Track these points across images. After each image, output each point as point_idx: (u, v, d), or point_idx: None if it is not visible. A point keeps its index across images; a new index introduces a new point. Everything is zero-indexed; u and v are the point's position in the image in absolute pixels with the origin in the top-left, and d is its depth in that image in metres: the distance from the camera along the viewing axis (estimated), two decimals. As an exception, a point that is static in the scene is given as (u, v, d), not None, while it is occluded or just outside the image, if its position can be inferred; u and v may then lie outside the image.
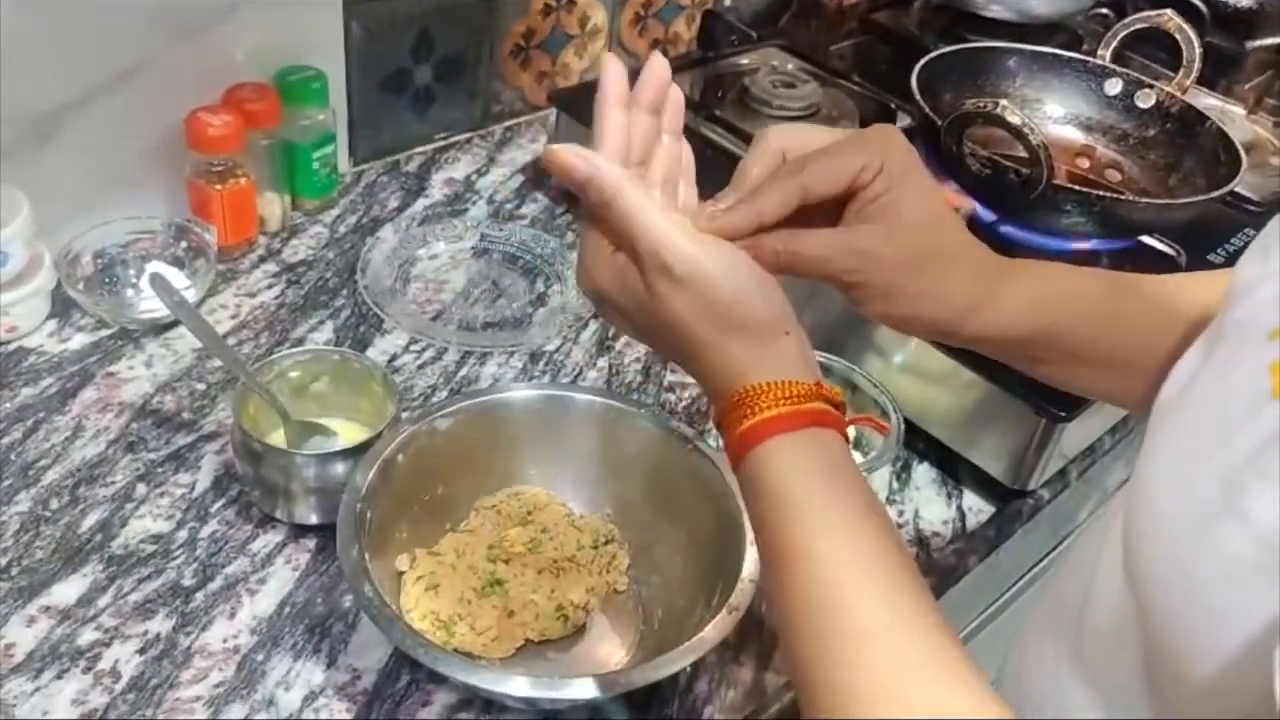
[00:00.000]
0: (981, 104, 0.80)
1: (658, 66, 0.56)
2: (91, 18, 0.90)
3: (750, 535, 0.69)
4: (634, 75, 0.56)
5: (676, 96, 0.57)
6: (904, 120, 1.08)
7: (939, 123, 0.86)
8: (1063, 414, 0.84)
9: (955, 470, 0.92)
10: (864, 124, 1.08)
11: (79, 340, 0.92)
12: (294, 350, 0.84)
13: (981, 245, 0.59)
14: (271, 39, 1.01)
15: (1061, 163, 1.02)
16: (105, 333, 0.93)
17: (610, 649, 0.76)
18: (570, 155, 0.52)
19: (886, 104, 1.05)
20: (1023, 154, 0.84)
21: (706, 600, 0.72)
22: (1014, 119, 0.80)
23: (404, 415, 0.80)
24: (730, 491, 0.73)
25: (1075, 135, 1.04)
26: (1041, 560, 1.14)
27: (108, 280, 0.95)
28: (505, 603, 0.74)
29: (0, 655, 0.69)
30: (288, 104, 1.02)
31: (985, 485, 0.91)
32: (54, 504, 0.79)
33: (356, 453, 0.76)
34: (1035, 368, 0.63)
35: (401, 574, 0.75)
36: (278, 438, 0.81)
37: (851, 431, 0.91)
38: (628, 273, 0.53)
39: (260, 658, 0.72)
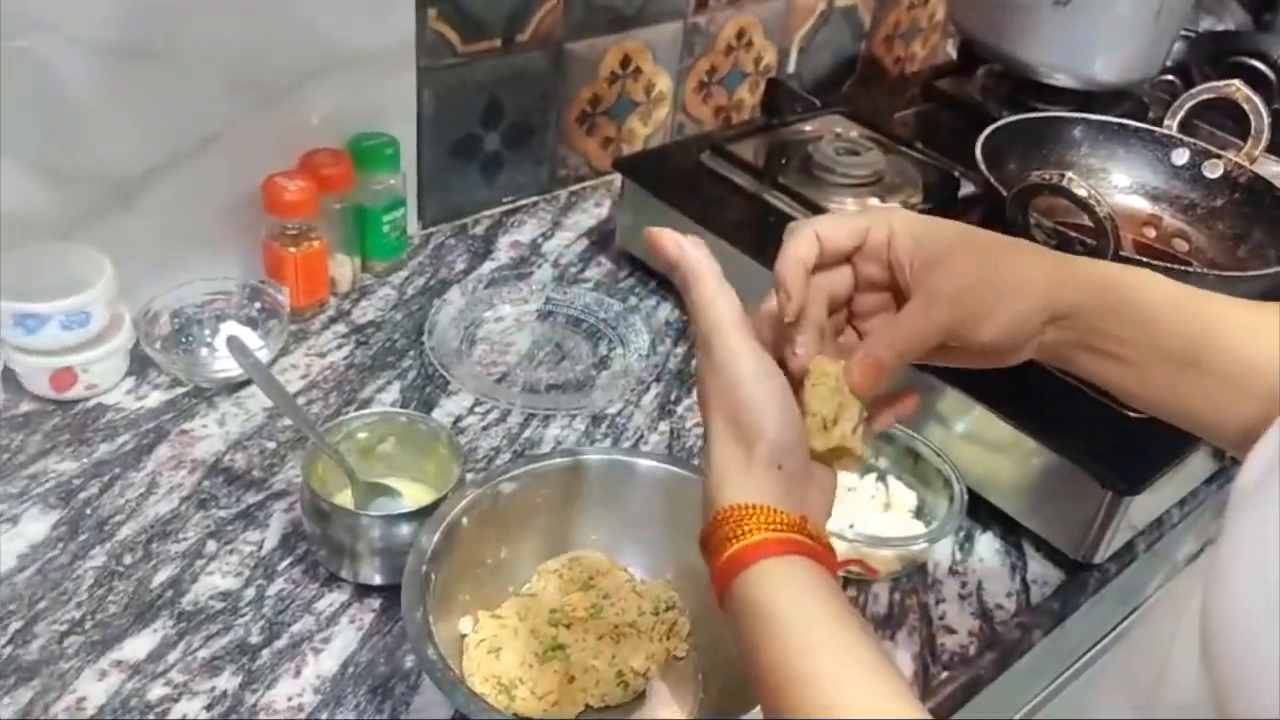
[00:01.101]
0: (1047, 176, 0.80)
1: None
2: (175, 86, 0.94)
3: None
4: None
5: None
6: (968, 188, 1.08)
7: (1004, 193, 0.87)
8: (1129, 487, 0.83)
9: (1019, 541, 0.91)
10: (927, 192, 1.08)
11: (155, 398, 0.94)
12: (362, 412, 0.86)
13: (1044, 254, 0.59)
14: (346, 106, 1.04)
15: (1128, 232, 1.02)
16: (180, 390, 0.95)
17: (670, 717, 0.75)
18: (666, 239, 0.58)
19: (950, 172, 1.05)
20: (1089, 224, 0.83)
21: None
22: (1080, 190, 0.80)
23: (469, 477, 0.81)
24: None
25: (1142, 205, 1.04)
26: (1109, 634, 1.11)
27: (184, 339, 0.98)
28: (566, 668, 0.74)
29: (73, 709, 0.71)
30: (360, 169, 1.04)
31: (1050, 556, 0.90)
32: (127, 559, 0.81)
33: (422, 515, 0.77)
34: (1109, 378, 0.62)
35: (464, 636, 0.75)
36: (345, 498, 0.82)
37: (912, 499, 0.91)
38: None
39: (324, 716, 0.72)
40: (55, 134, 0.90)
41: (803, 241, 0.58)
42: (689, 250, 0.57)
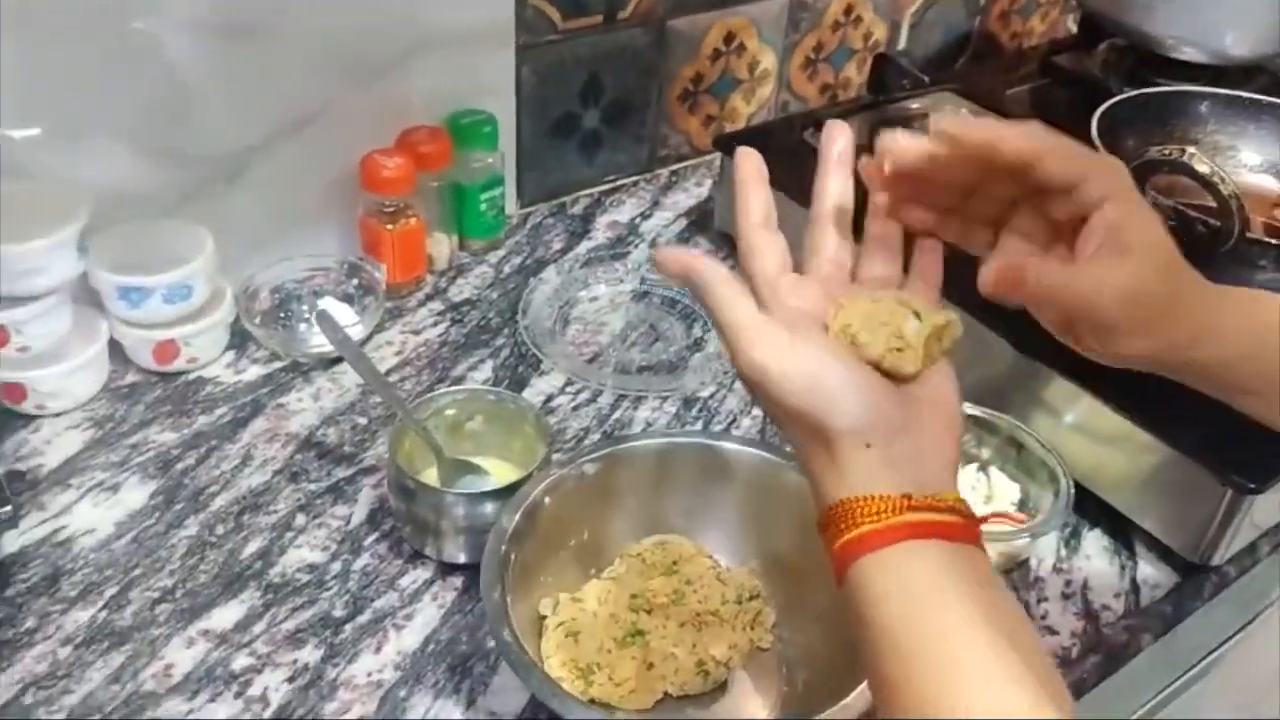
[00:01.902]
0: (1167, 151, 0.76)
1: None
2: (278, 65, 0.95)
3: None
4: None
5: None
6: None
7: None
8: (1253, 485, 0.78)
9: (1129, 539, 0.86)
10: (1040, 171, 1.03)
11: (253, 372, 0.96)
12: (452, 389, 0.86)
13: (1199, 276, 0.55)
14: (445, 84, 1.04)
15: (1258, 214, 0.95)
16: (278, 365, 0.96)
17: (752, 709, 0.73)
18: (669, 258, 0.55)
19: (1065, 150, 1.00)
20: (1212, 204, 0.78)
21: (851, 666, 0.69)
22: (1203, 167, 0.75)
23: (555, 458, 0.80)
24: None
25: (1274, 185, 0.97)
26: (1226, 641, 1.05)
27: (282, 315, 0.99)
28: (645, 654, 0.72)
29: (160, 675, 0.72)
30: (459, 147, 1.04)
31: (1164, 557, 0.85)
32: (220, 530, 0.82)
33: (505, 493, 0.76)
34: (1240, 400, 0.58)
35: (544, 618, 0.74)
36: (431, 474, 0.82)
37: (1015, 492, 0.87)
38: None
39: (402, 694, 0.72)
40: (162, 113, 0.92)
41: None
42: (690, 263, 0.54)
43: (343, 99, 0.99)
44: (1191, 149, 0.75)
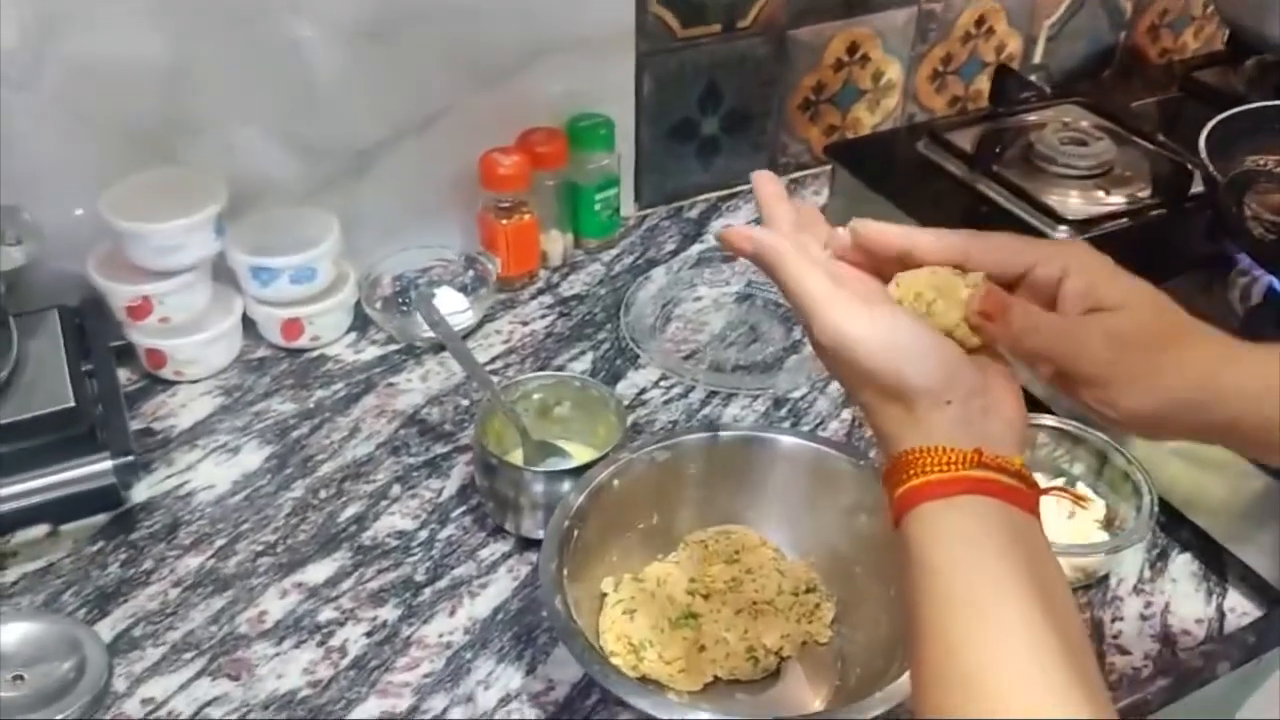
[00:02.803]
0: (1263, 162, 0.73)
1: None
2: (407, 66, 1.01)
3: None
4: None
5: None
6: (1199, 185, 0.99)
7: (1220, 180, 0.80)
8: (1350, 517, 0.75)
9: (1221, 567, 0.83)
10: (1156, 183, 1.00)
11: (371, 352, 1.02)
12: (540, 374, 0.90)
13: (1209, 328, 0.54)
14: (567, 87, 1.09)
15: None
16: (394, 348, 1.02)
17: (804, 699, 0.74)
18: (736, 235, 0.57)
19: (1183, 164, 0.97)
20: (1320, 220, 0.76)
21: (905, 664, 0.69)
22: (1300, 181, 0.72)
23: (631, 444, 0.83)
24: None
25: None
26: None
27: (401, 301, 1.05)
28: (697, 636, 0.75)
29: (254, 620, 0.78)
30: (576, 148, 1.09)
31: (1257, 587, 0.82)
32: (323, 494, 0.88)
33: (581, 473, 0.79)
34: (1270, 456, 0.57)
35: (605, 595, 0.77)
36: (518, 455, 0.86)
37: (1101, 507, 0.85)
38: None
39: (469, 656, 0.76)
40: (299, 108, 0.99)
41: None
42: (762, 238, 0.56)
43: (467, 99, 1.05)
44: (1289, 161, 0.72)
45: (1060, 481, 0.87)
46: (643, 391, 0.98)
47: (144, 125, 0.94)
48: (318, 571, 0.82)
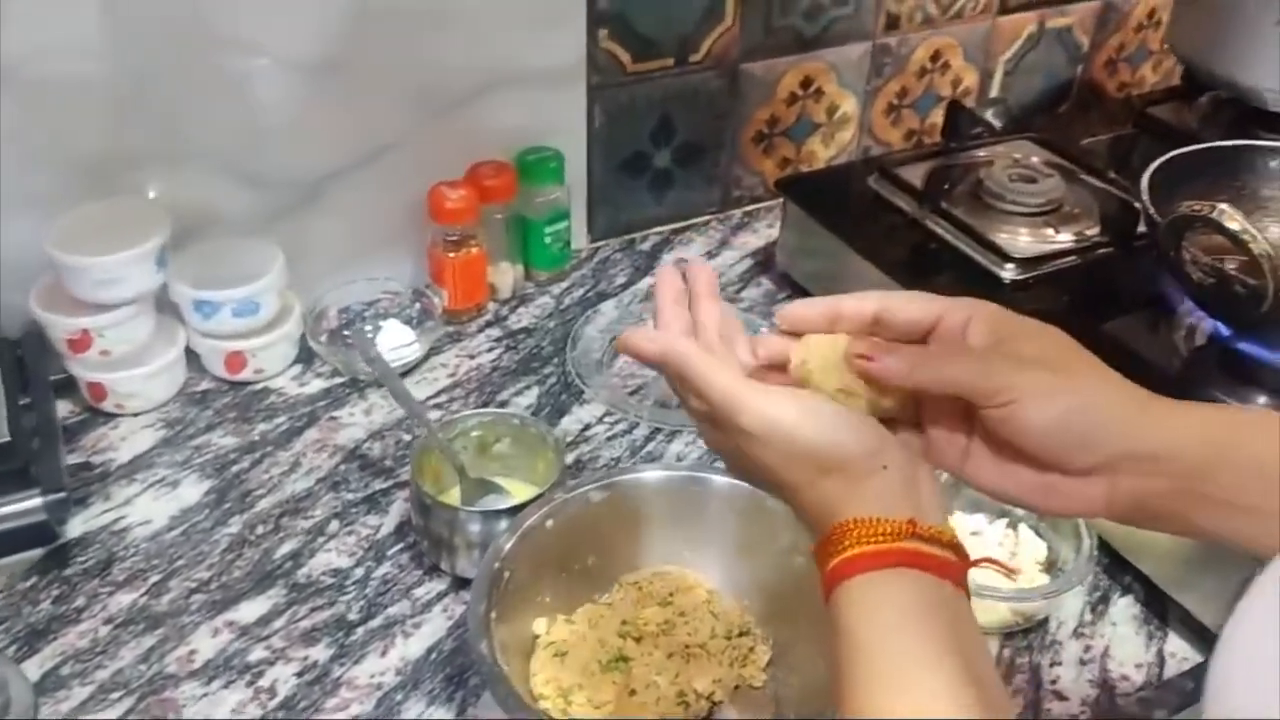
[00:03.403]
0: (1197, 207, 0.73)
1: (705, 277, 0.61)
2: (357, 98, 1.01)
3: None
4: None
5: (705, 269, 0.62)
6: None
7: (1160, 223, 0.80)
8: (1282, 562, 0.74)
9: (1164, 612, 0.83)
10: (1104, 222, 1.01)
11: (315, 385, 1.01)
12: (479, 411, 0.89)
13: (1125, 384, 0.54)
14: (517, 121, 1.09)
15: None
16: (339, 380, 1.02)
17: (732, 743, 0.74)
18: (640, 340, 0.58)
19: (1130, 203, 0.97)
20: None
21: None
22: (1233, 224, 0.72)
23: (570, 483, 0.83)
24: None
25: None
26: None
27: (347, 334, 1.04)
28: (627, 680, 0.74)
29: (185, 658, 0.77)
30: (525, 181, 1.08)
31: (1198, 632, 0.81)
32: (260, 530, 0.87)
33: (516, 513, 0.79)
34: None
35: (537, 637, 0.77)
36: (456, 493, 0.86)
37: (1042, 550, 0.85)
38: (717, 431, 0.56)
39: (399, 697, 0.76)
40: (248, 139, 0.99)
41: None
42: (667, 342, 0.56)
43: (417, 132, 1.05)
44: (1223, 204, 0.72)
45: (1003, 523, 0.87)
46: (587, 427, 0.98)
47: (91, 157, 0.94)
48: (250, 609, 0.81)
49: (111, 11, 0.89)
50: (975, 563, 0.54)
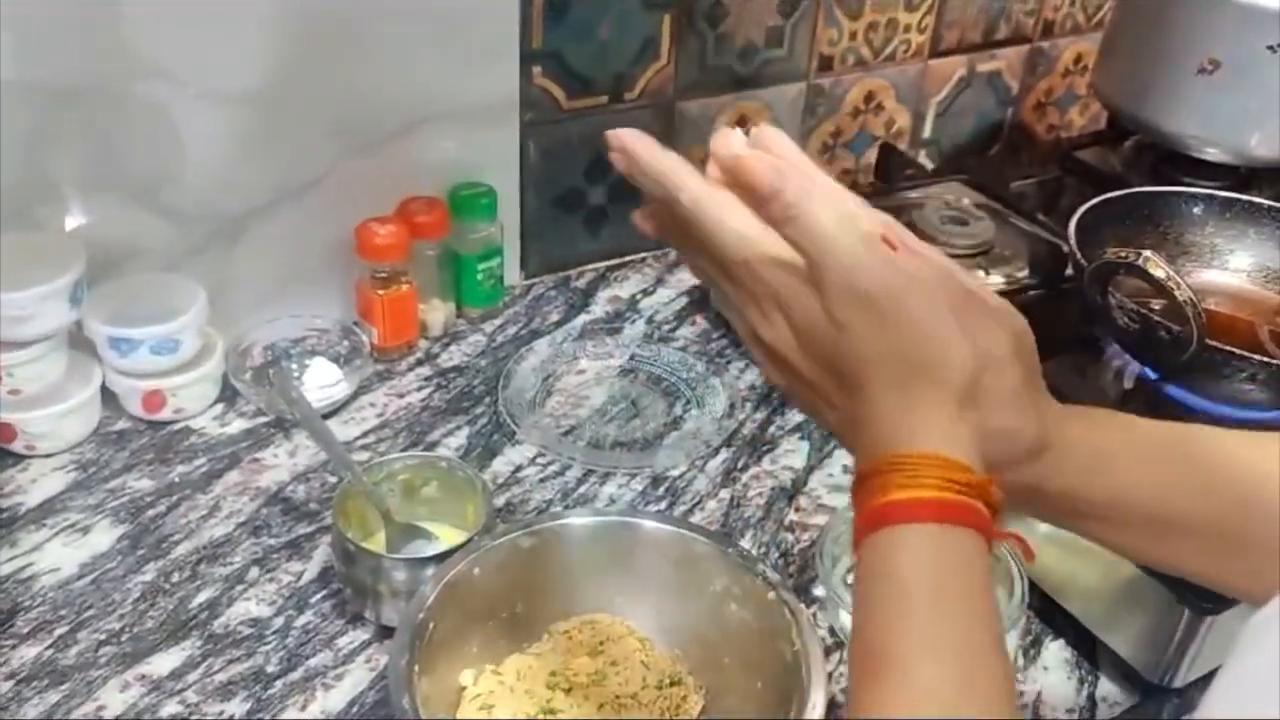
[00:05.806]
0: (1123, 253, 0.74)
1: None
2: (283, 131, 0.99)
3: (811, 697, 0.66)
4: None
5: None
6: (1077, 266, 1.00)
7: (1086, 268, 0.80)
8: (1208, 606, 0.75)
9: (1094, 655, 0.83)
10: (1033, 264, 1.02)
11: (238, 425, 0.98)
12: (405, 454, 0.87)
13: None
14: (449, 157, 1.07)
15: (1262, 321, 0.92)
16: (263, 420, 0.99)
17: (664, 797, 0.72)
18: (756, 160, 0.51)
19: (1058, 246, 0.98)
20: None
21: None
22: (1157, 271, 0.73)
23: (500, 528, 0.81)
24: (799, 647, 0.69)
25: (1274, 293, 0.94)
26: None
27: (272, 372, 1.01)
28: (556, 733, 0.72)
29: (91, 715, 0.74)
30: (457, 218, 1.07)
31: (1127, 676, 0.81)
32: (175, 577, 0.84)
33: (440, 560, 0.77)
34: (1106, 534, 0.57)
35: (464, 689, 0.75)
36: (381, 538, 0.83)
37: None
38: (802, 294, 0.50)
39: (318, 754, 0.73)
40: (169, 172, 0.96)
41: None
42: (787, 173, 0.50)
43: (345, 166, 1.03)
44: (1148, 252, 0.73)
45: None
46: (518, 469, 0.96)
47: (1, 187, 0.90)
48: (164, 662, 0.78)
49: (26, 37, 0.86)
50: (1003, 536, 0.53)
